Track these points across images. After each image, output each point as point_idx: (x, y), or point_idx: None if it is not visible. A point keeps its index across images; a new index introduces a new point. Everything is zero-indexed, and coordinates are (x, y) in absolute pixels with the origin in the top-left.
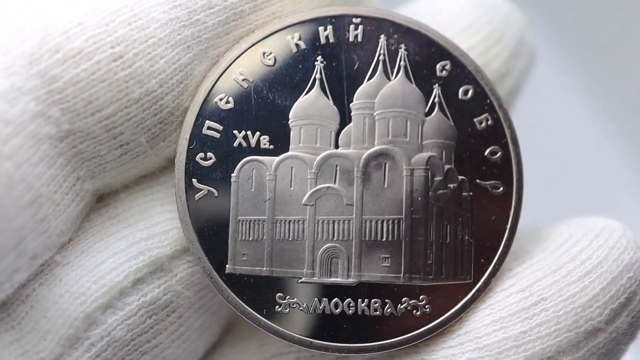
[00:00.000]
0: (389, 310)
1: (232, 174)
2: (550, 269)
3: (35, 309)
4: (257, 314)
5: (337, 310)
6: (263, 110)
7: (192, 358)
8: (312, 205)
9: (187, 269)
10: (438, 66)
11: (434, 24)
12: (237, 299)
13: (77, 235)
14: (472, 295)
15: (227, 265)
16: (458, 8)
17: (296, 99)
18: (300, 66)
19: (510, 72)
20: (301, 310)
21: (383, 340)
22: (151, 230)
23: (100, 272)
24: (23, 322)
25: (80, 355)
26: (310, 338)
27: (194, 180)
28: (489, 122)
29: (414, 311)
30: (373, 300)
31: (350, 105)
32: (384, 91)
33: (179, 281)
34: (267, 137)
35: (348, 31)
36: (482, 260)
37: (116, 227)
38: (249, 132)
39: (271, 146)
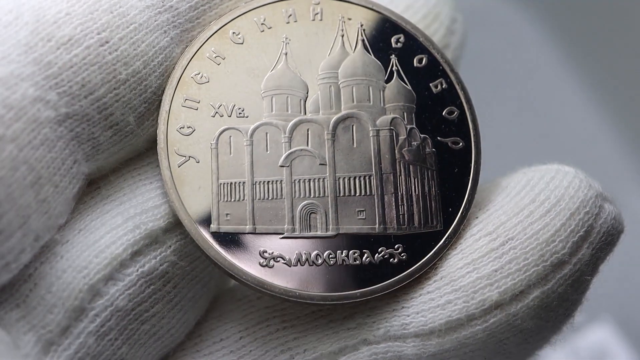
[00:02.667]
0: (367, 259)
1: (211, 142)
2: (514, 212)
3: (39, 286)
4: (243, 268)
5: (319, 262)
6: (236, 84)
7: (185, 328)
8: (288, 167)
9: (180, 240)
10: (393, 39)
11: None
12: (224, 255)
13: (73, 216)
14: (444, 242)
15: (211, 225)
16: None
17: (266, 73)
18: (267, 43)
19: (448, 45)
20: (285, 263)
21: (364, 287)
22: (144, 205)
23: (100, 246)
24: (28, 299)
25: (86, 326)
26: (295, 289)
27: (175, 149)
28: (444, 86)
29: (391, 259)
30: (352, 250)
31: (316, 76)
32: (345, 62)
33: (174, 252)
34: (241, 107)
35: (309, 11)
36: (450, 209)
37: (110, 205)
38: (224, 104)
39: (246, 115)
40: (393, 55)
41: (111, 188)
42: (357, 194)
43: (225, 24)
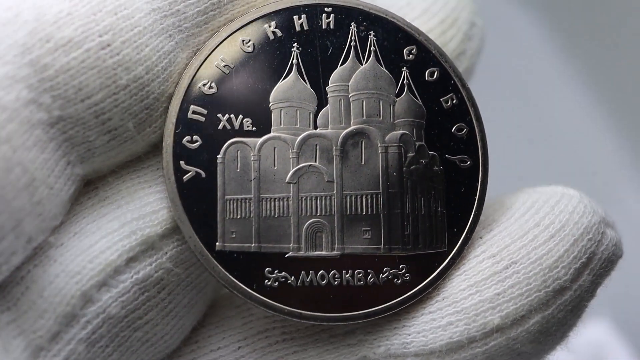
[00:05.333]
0: (371, 280)
1: (218, 156)
2: (518, 235)
3: (31, 289)
4: (247, 289)
5: (324, 282)
6: (244, 95)
7: (180, 335)
8: (295, 183)
9: (176, 247)
10: (405, 50)
11: (393, 9)
12: (228, 275)
13: (69, 218)
14: (448, 263)
15: (217, 243)
16: None
17: (275, 83)
18: (277, 52)
19: (464, 52)
20: (289, 283)
21: (367, 308)
22: (142, 210)
23: (95, 251)
24: (19, 302)
25: (76, 333)
26: (299, 310)
27: (181, 162)
28: (454, 101)
29: (395, 280)
30: (356, 271)
31: (326, 88)
32: (356, 74)
33: (169, 259)
34: (249, 119)
35: (321, 19)
36: (455, 230)
37: (107, 208)
38: (232, 115)
39: (254, 128)
40: (405, 68)
41: (109, 190)
42: (364, 213)
43: (235, 31)
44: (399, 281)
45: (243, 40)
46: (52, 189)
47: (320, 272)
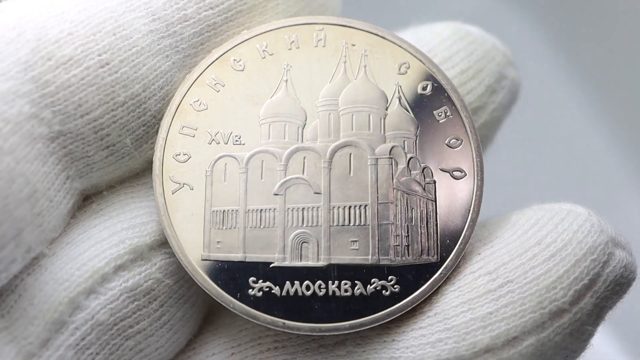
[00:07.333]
0: (358, 290)
1: (207, 169)
2: (517, 252)
3: (23, 297)
4: (231, 297)
5: (309, 292)
6: (234, 112)
7: (175, 348)
8: (282, 195)
9: (166, 259)
10: (397, 65)
11: None
12: (213, 283)
13: (64, 229)
14: (439, 274)
15: (201, 253)
16: (439, 41)
17: (265, 100)
18: (268, 70)
19: (484, 106)
20: (274, 292)
21: (354, 319)
22: (132, 221)
23: (83, 259)
24: (12, 310)
25: (65, 339)
26: (282, 319)
27: (170, 175)
28: (448, 114)
29: (383, 291)
30: (343, 281)
31: (316, 103)
32: (346, 90)
33: (159, 269)
34: (238, 134)
35: (312, 37)
36: (448, 242)
37: (98, 220)
38: (221, 131)
39: (243, 143)
40: (397, 82)
41: (103, 202)
42: (352, 224)
43: (227, 51)
44: (388, 292)
45: (234, 60)
46: (52, 202)
47: (306, 282)
